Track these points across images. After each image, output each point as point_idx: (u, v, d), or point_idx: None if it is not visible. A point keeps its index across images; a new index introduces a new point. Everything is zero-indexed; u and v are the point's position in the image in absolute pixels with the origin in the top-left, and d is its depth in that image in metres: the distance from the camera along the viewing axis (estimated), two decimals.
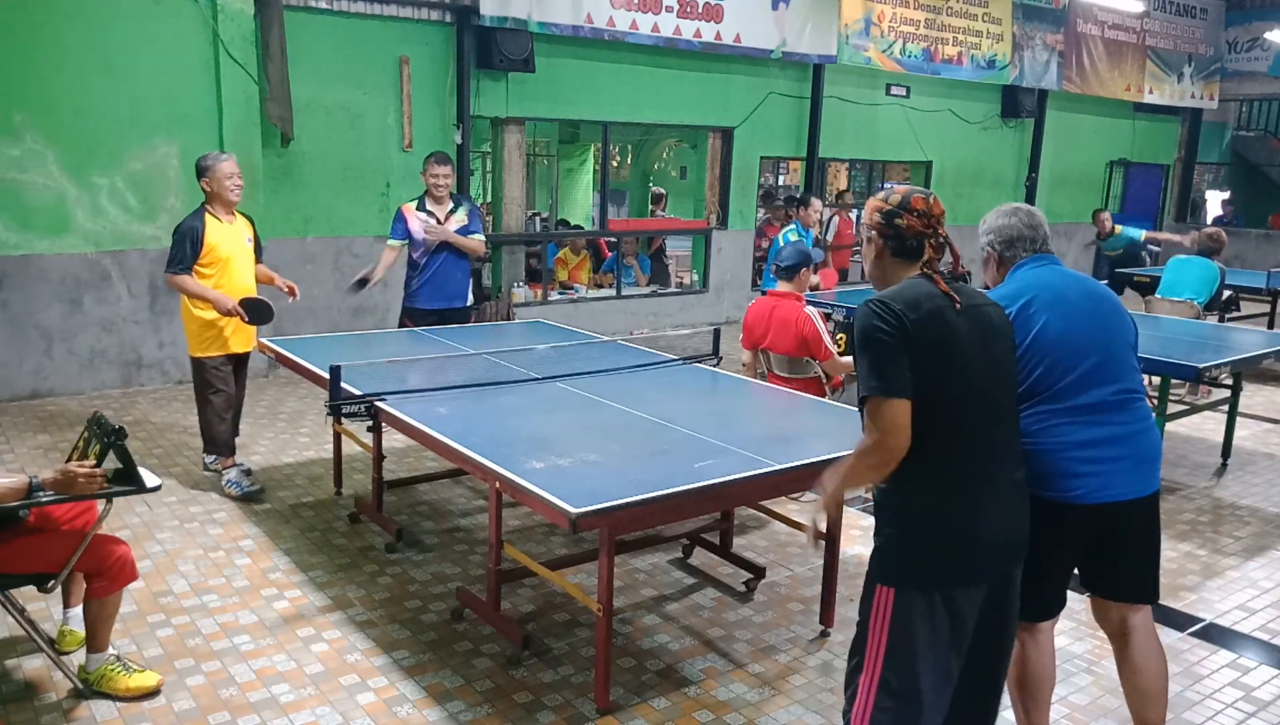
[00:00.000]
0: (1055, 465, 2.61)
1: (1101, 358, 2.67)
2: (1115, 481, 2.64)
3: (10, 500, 2.86)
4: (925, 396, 2.17)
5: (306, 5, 7.50)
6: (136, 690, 3.15)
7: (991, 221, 2.90)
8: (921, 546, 2.22)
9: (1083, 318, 2.70)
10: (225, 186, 4.96)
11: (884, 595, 2.24)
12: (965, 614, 2.26)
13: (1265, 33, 14.37)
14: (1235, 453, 6.19)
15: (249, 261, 5.17)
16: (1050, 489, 2.61)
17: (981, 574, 2.27)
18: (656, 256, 10.98)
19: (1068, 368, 2.64)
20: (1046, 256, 2.84)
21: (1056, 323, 2.66)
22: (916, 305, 2.19)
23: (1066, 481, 2.61)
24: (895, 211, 2.32)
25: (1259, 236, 15.57)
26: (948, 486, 2.21)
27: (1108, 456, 2.63)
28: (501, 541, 3.59)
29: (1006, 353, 2.35)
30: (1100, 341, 2.69)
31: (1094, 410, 2.63)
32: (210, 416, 5.08)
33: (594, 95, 9.29)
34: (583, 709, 3.20)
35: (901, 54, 11.09)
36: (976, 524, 2.23)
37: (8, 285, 6.60)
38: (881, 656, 2.24)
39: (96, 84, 6.67)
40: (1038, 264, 2.81)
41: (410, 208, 5.92)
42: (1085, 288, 2.79)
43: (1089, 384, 2.64)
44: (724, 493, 3.12)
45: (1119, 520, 2.68)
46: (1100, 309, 2.75)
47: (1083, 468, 2.61)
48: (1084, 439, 2.62)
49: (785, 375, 5.13)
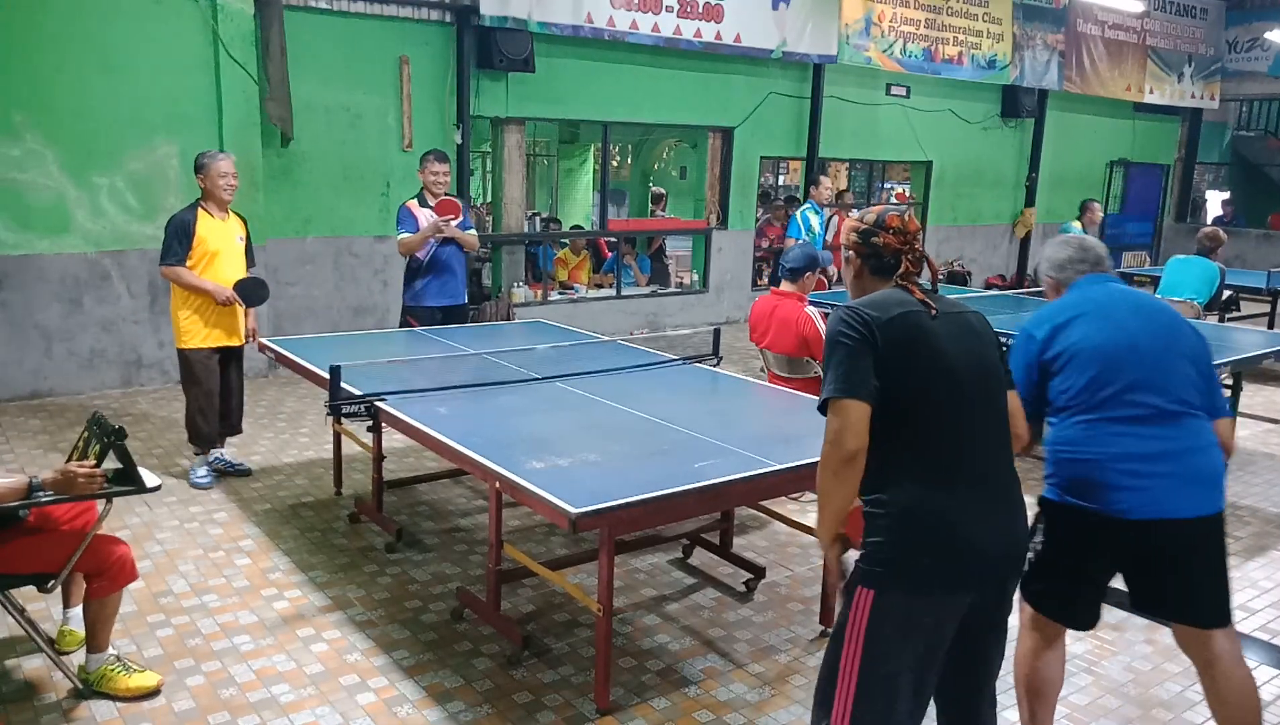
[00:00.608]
0: (1096, 476, 2.57)
1: (1149, 370, 2.61)
2: (1159, 498, 2.55)
3: (10, 500, 2.86)
4: (907, 397, 2.16)
5: (306, 5, 7.50)
6: (136, 690, 3.15)
7: (1045, 252, 3.01)
8: (905, 549, 2.16)
9: (1129, 330, 2.67)
10: (219, 185, 5.02)
11: (863, 597, 2.19)
12: (945, 622, 2.20)
13: (1265, 33, 14.37)
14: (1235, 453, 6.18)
15: (238, 258, 5.21)
16: (1090, 499, 2.57)
17: (968, 581, 2.20)
18: (656, 256, 10.98)
19: (1109, 379, 2.61)
20: (1100, 276, 2.86)
21: (1097, 334, 2.65)
22: (885, 308, 2.21)
23: (1107, 493, 2.56)
24: (872, 230, 2.37)
25: (1259, 236, 15.57)
26: (933, 489, 2.17)
27: (1153, 472, 2.55)
28: (501, 541, 3.59)
29: (992, 358, 2.32)
30: (1149, 354, 2.64)
31: (1139, 422, 2.58)
32: (193, 409, 5.16)
33: (594, 95, 9.29)
34: (583, 709, 3.20)
35: (902, 54, 11.09)
36: (963, 528, 2.17)
37: (8, 285, 6.60)
38: (858, 661, 2.19)
39: (96, 84, 6.67)
40: (1090, 283, 2.84)
41: (415, 204, 5.94)
42: (1136, 301, 2.78)
43: (1134, 396, 2.59)
44: (724, 493, 3.11)
45: (1165, 539, 2.58)
46: (1154, 322, 2.71)
47: (1125, 481, 2.55)
48: (1126, 452, 2.56)
49: (785, 375, 5.13)
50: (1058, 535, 2.72)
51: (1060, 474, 2.68)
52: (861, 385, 2.15)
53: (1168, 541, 2.59)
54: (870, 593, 2.18)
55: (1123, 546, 2.62)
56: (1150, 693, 3.43)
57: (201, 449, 5.22)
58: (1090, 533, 2.61)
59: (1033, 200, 13.46)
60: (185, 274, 4.98)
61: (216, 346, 5.15)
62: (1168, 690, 3.46)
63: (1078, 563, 2.69)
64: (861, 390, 2.14)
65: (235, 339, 5.21)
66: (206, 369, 5.12)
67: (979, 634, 2.30)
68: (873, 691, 2.19)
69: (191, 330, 5.08)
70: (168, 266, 4.98)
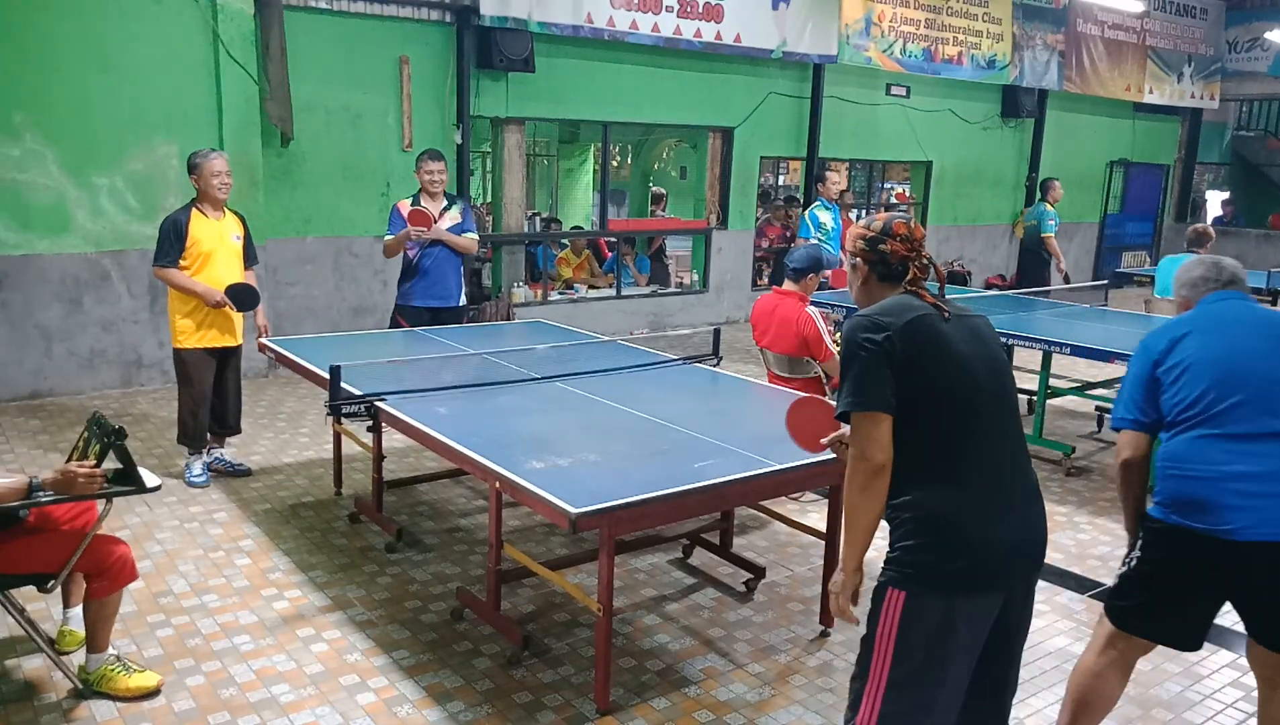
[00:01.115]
0: (1207, 496, 2.49)
1: (1267, 387, 2.54)
2: (1269, 518, 2.45)
3: (10, 500, 2.86)
4: (929, 400, 2.17)
5: (306, 5, 7.50)
6: (136, 690, 3.15)
7: (1177, 274, 2.99)
8: (935, 550, 2.16)
9: (1248, 345, 2.61)
10: (212, 184, 5.02)
11: (894, 599, 2.18)
12: (978, 623, 2.20)
13: (1265, 33, 14.36)
14: None
15: (234, 258, 5.20)
16: (1200, 521, 2.50)
17: (997, 581, 2.20)
18: (656, 256, 10.98)
19: (1223, 394, 2.54)
20: (1229, 292, 2.82)
21: (1211, 348, 2.61)
22: (900, 314, 2.22)
23: (1219, 514, 2.48)
24: (879, 238, 2.38)
25: (1259, 236, 15.56)
26: (962, 489, 2.17)
27: (1268, 492, 2.46)
28: (501, 541, 3.59)
29: (1003, 360, 2.35)
30: (1267, 371, 2.56)
31: (1253, 439, 2.50)
32: (184, 408, 5.17)
33: (594, 95, 9.29)
34: (583, 709, 3.20)
35: (902, 54, 11.09)
36: (993, 527, 2.17)
37: (8, 285, 6.60)
38: (888, 664, 2.19)
39: (96, 84, 6.66)
40: (1216, 298, 2.80)
41: (405, 204, 5.93)
42: (1259, 316, 2.73)
43: (1250, 413, 2.51)
44: (724, 493, 3.12)
45: (1271, 561, 2.48)
46: (1273, 340, 2.64)
47: (1237, 500, 2.47)
48: (1240, 472, 2.48)
49: (785, 375, 5.13)
50: (1159, 555, 2.62)
51: (1166, 491, 2.60)
52: (881, 397, 2.16)
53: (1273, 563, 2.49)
54: (901, 594, 2.18)
55: (1232, 569, 2.52)
56: (1150, 693, 3.43)
57: (193, 448, 5.23)
58: (1196, 553, 2.53)
59: (1032, 200, 13.43)
60: (177, 276, 4.99)
61: (212, 347, 5.16)
62: (1168, 690, 3.46)
63: (1178, 583, 2.60)
64: (881, 402, 2.16)
65: (230, 339, 5.22)
66: (200, 369, 5.13)
67: (1005, 631, 2.29)
68: (902, 694, 2.19)
69: (186, 330, 5.09)
70: (160, 268, 5.00)
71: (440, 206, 5.93)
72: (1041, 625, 3.84)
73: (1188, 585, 2.60)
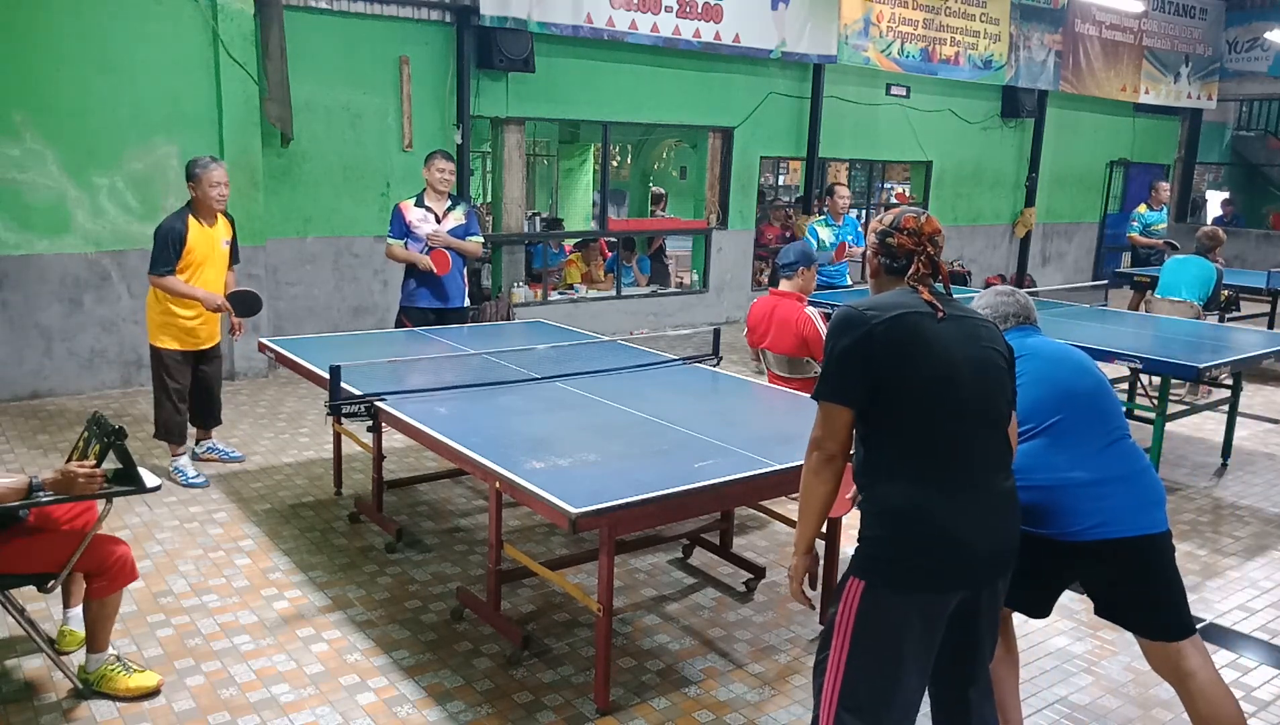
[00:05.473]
0: (1050, 501, 2.66)
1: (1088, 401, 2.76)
2: (1114, 518, 2.66)
3: (10, 500, 2.86)
4: (902, 396, 2.19)
5: (306, 5, 7.50)
6: (136, 690, 3.15)
7: (981, 300, 3.03)
8: (897, 545, 2.19)
9: (1064, 368, 2.83)
10: (210, 195, 5.05)
11: (854, 588, 2.22)
12: (934, 619, 2.21)
13: (1265, 33, 14.36)
14: (1235, 453, 6.20)
15: (221, 262, 5.26)
16: (1044, 526, 2.66)
17: (955, 581, 2.21)
18: (656, 256, 10.98)
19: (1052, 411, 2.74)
20: (1030, 327, 2.95)
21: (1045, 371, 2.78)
22: (885, 309, 2.24)
23: (1062, 518, 2.66)
24: (888, 231, 2.43)
25: (1259, 236, 15.57)
26: (925, 488, 2.19)
27: (1107, 494, 2.67)
28: (501, 541, 3.59)
29: (998, 366, 2.32)
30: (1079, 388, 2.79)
31: (1088, 447, 2.71)
32: (163, 405, 5.19)
33: (594, 95, 9.29)
34: (583, 709, 3.20)
35: (900, 54, 11.09)
36: (955, 528, 2.18)
37: (8, 285, 6.60)
38: (846, 650, 2.21)
39: (96, 84, 6.66)
40: (1023, 334, 2.91)
41: (408, 205, 5.93)
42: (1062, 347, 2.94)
43: (1078, 423, 2.73)
44: (724, 493, 3.12)
45: (1124, 556, 2.68)
46: (1077, 363, 2.87)
47: (1081, 504, 2.66)
48: (1085, 479, 2.67)
49: (785, 375, 5.13)
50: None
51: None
52: (847, 390, 2.22)
53: (1127, 559, 2.69)
54: (861, 583, 2.22)
55: (1082, 566, 2.73)
56: (1150, 693, 3.43)
57: (172, 443, 5.23)
58: (1049, 556, 2.69)
59: (1032, 200, 13.46)
60: (176, 283, 5.00)
61: (189, 349, 5.19)
62: (1168, 690, 3.45)
63: (1034, 575, 2.75)
64: (846, 395, 2.22)
65: (209, 341, 5.27)
66: (179, 368, 5.17)
67: (970, 627, 2.31)
68: (859, 680, 2.21)
69: (166, 331, 5.11)
70: (158, 276, 4.99)
71: (444, 206, 5.94)
72: (1041, 625, 3.84)
73: (1043, 577, 2.78)
